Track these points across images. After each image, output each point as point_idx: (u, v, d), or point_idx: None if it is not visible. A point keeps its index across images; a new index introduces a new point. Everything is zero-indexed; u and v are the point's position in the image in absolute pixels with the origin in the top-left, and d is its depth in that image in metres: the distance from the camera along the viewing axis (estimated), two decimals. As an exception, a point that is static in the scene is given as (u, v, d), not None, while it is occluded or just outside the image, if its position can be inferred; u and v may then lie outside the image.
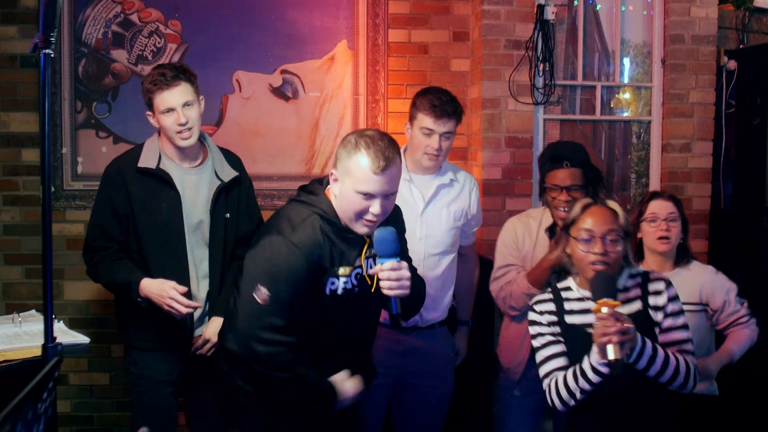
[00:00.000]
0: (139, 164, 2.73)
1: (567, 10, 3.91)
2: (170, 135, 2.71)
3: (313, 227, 2.12)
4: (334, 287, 2.15)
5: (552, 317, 2.31)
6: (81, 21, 3.78)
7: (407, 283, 2.11)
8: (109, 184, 2.76)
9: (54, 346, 1.81)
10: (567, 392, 2.19)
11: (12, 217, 3.80)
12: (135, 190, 2.72)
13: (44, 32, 1.76)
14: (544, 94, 3.81)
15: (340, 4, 3.91)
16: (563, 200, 2.79)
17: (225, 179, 2.81)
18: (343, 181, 2.09)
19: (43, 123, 1.85)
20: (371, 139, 2.06)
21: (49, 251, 1.81)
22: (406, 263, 2.14)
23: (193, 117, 2.69)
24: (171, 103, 2.66)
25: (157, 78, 2.67)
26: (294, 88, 3.91)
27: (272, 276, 2.08)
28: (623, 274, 2.30)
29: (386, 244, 2.10)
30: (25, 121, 3.78)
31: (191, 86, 2.72)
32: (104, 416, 3.88)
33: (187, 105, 2.69)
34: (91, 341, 2.34)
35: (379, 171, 2.03)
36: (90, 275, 2.86)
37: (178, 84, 2.67)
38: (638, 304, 2.26)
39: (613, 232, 2.22)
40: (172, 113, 2.67)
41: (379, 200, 2.06)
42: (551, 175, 2.85)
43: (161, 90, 2.66)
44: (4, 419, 1.22)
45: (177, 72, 2.70)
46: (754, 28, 4.10)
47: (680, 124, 3.89)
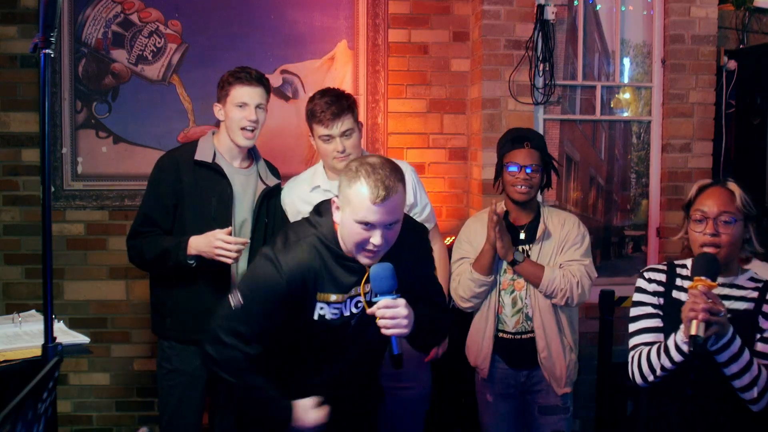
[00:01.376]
0: (196, 156, 2.80)
1: (567, 10, 3.91)
2: (233, 129, 2.79)
3: (308, 250, 2.08)
4: (322, 312, 2.11)
5: (659, 287, 2.28)
6: (81, 21, 3.78)
7: (404, 321, 2.00)
8: (162, 173, 2.83)
9: (54, 346, 1.82)
10: (648, 366, 2.17)
11: (12, 217, 3.80)
12: (188, 181, 2.78)
13: (44, 32, 1.76)
14: (544, 94, 3.81)
15: (340, 4, 3.91)
16: (522, 178, 2.88)
17: (270, 184, 2.91)
18: (344, 209, 2.04)
19: (43, 123, 1.85)
20: (372, 167, 1.99)
21: (49, 251, 1.81)
22: (403, 301, 2.02)
23: (261, 119, 2.82)
24: (248, 99, 2.77)
25: (242, 74, 2.79)
26: (294, 88, 3.91)
27: (249, 287, 2.10)
28: (745, 274, 2.23)
29: (381, 280, 2.01)
30: (25, 121, 3.78)
31: (267, 95, 2.85)
32: (104, 416, 3.88)
33: (260, 107, 2.80)
34: (91, 341, 2.34)
35: (378, 201, 1.96)
36: (132, 257, 2.86)
37: (259, 86, 2.80)
38: (750, 304, 2.18)
39: (727, 214, 2.17)
40: (244, 108, 2.77)
41: (380, 231, 1.99)
42: (511, 154, 2.92)
43: (243, 84, 2.77)
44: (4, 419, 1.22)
45: (260, 77, 2.83)
46: (754, 28, 4.10)
47: (680, 124, 3.89)
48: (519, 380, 2.99)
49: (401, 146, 3.94)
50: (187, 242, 2.69)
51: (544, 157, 2.95)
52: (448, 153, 3.99)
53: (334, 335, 2.16)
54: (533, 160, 2.89)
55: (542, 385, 2.97)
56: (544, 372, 2.94)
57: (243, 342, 2.08)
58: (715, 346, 2.07)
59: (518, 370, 2.98)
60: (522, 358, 2.96)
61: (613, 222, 4.04)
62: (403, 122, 3.96)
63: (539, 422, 3.00)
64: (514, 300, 2.94)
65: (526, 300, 2.93)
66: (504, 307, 2.95)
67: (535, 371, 2.97)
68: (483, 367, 2.99)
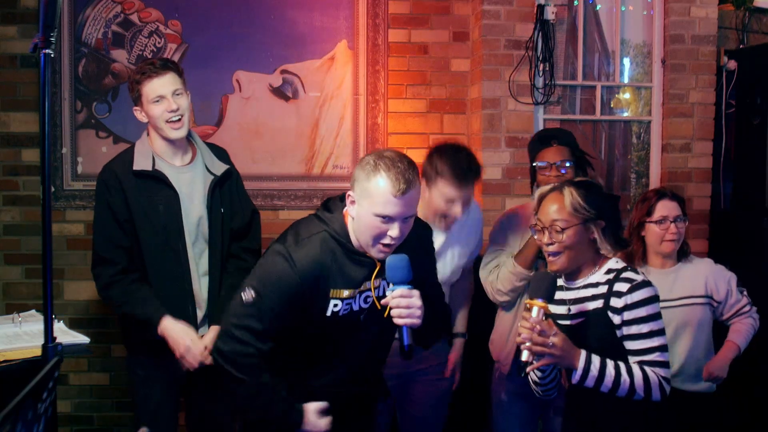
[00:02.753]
0: (134, 167, 2.70)
1: (567, 10, 3.91)
2: (160, 125, 2.67)
3: (319, 246, 2.09)
4: (336, 309, 2.12)
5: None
6: (81, 21, 3.78)
7: (418, 312, 2.03)
8: (106, 190, 2.73)
9: (54, 346, 1.81)
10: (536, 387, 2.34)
11: (12, 217, 3.80)
12: (132, 194, 2.69)
13: (44, 32, 1.76)
14: (544, 94, 3.81)
15: (340, 4, 3.91)
16: (554, 176, 2.84)
17: (217, 173, 2.80)
18: (361, 203, 2.04)
19: (43, 123, 1.85)
20: (391, 160, 2.01)
21: (49, 251, 1.81)
22: (417, 292, 2.04)
23: (183, 105, 2.68)
24: (161, 91, 2.64)
25: (146, 67, 2.67)
26: (294, 88, 3.91)
27: (262, 282, 2.09)
28: (603, 267, 2.24)
29: (397, 270, 2.03)
30: (25, 121, 3.78)
31: (179, 77, 2.70)
32: (104, 416, 3.88)
33: (177, 93, 2.66)
34: (91, 341, 2.34)
35: (399, 194, 1.97)
36: (102, 296, 2.81)
37: (167, 73, 2.66)
38: (599, 302, 2.19)
39: (559, 222, 2.18)
40: (162, 101, 2.65)
41: (398, 223, 2.01)
42: (541, 154, 2.91)
43: (150, 78, 2.64)
44: (4, 419, 1.22)
45: (165, 62, 2.70)
46: (754, 28, 4.10)
47: (680, 124, 3.89)
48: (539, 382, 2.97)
49: (401, 146, 3.93)
50: (158, 323, 2.64)
51: (575, 153, 2.91)
52: (448, 153, 3.99)
53: (345, 331, 2.16)
54: (563, 156, 2.86)
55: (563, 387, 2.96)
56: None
57: (256, 338, 2.07)
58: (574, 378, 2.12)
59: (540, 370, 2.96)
60: None
61: (613, 222, 4.04)
62: (403, 122, 3.96)
63: (555, 422, 2.98)
64: None
65: None
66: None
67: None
68: (506, 363, 2.96)
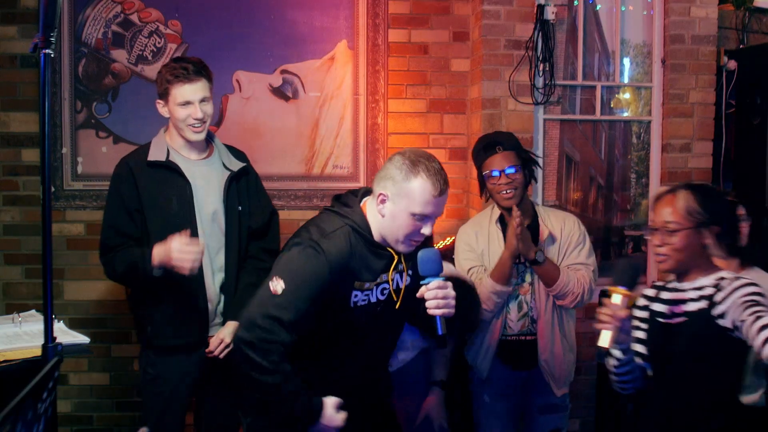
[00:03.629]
0: (149, 158, 2.76)
1: (567, 10, 3.91)
2: (181, 127, 2.74)
3: (345, 238, 2.13)
4: (356, 300, 2.16)
5: (646, 302, 2.34)
6: (81, 21, 3.78)
7: (453, 302, 2.10)
8: (118, 181, 2.77)
9: (54, 346, 1.81)
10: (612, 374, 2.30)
11: (12, 217, 3.80)
12: (144, 184, 2.73)
13: (44, 32, 1.76)
14: (544, 94, 3.81)
15: (340, 4, 3.91)
16: (504, 184, 2.85)
17: (233, 169, 2.84)
18: (397, 202, 2.09)
19: (43, 123, 1.85)
20: (428, 160, 2.12)
21: (49, 251, 1.81)
22: (450, 283, 2.12)
23: (208, 113, 2.75)
24: (190, 97, 2.70)
25: (180, 71, 2.70)
26: (294, 88, 3.91)
27: (292, 273, 2.10)
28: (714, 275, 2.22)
29: (431, 263, 2.10)
30: (25, 121, 3.78)
31: (209, 84, 2.77)
32: (104, 416, 3.88)
33: (204, 101, 2.73)
34: (91, 341, 2.34)
35: (439, 194, 2.08)
36: (108, 274, 2.83)
37: (199, 80, 2.72)
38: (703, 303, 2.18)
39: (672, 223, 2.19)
40: (188, 106, 2.71)
41: (431, 223, 2.11)
42: (487, 162, 2.89)
43: (182, 83, 2.69)
44: (4, 419, 1.22)
45: (199, 68, 2.74)
46: (754, 28, 4.09)
47: (680, 124, 3.89)
48: (518, 381, 2.99)
49: (401, 146, 3.93)
50: (151, 253, 2.62)
51: (521, 155, 2.92)
52: (448, 153, 3.99)
53: (363, 323, 2.19)
54: (510, 162, 2.86)
55: (541, 385, 2.97)
56: (544, 373, 2.94)
57: (283, 328, 2.07)
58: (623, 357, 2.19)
59: (518, 371, 2.98)
60: (522, 360, 2.96)
61: (613, 222, 4.04)
62: (403, 122, 3.96)
63: (539, 421, 3.00)
64: (520, 304, 2.94)
65: (531, 303, 2.92)
66: (509, 313, 2.94)
67: (534, 371, 2.96)
68: (483, 368, 2.98)
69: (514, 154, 2.88)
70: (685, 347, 2.16)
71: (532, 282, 2.93)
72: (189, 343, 2.77)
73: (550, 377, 2.93)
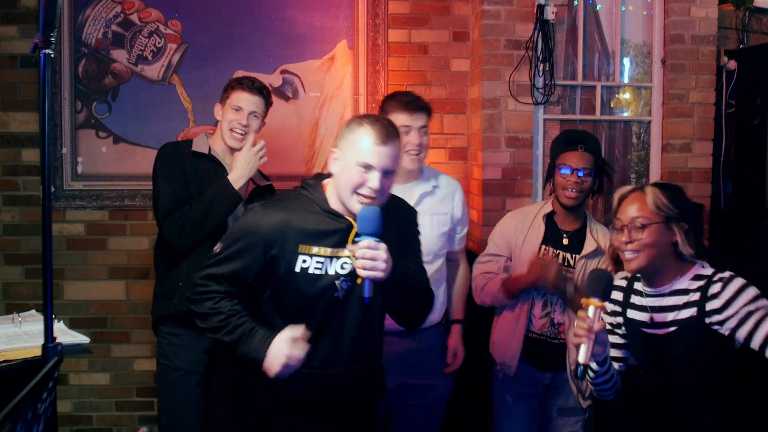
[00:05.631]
0: (193, 148, 2.93)
1: (567, 10, 3.91)
2: (224, 129, 2.91)
3: (292, 202, 2.21)
4: (305, 265, 2.14)
5: (616, 307, 2.29)
6: (81, 21, 3.79)
7: (383, 265, 2.02)
8: (167, 158, 2.91)
9: (54, 346, 1.82)
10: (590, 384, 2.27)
11: (12, 217, 3.80)
12: (189, 170, 2.88)
13: (44, 32, 1.76)
14: (544, 94, 3.81)
15: (340, 4, 3.91)
16: (573, 181, 2.84)
17: (260, 183, 3.02)
18: (344, 155, 2.14)
19: (43, 123, 1.85)
20: (375, 117, 2.19)
21: (49, 251, 1.82)
22: (385, 246, 2.05)
23: (253, 126, 2.93)
24: (243, 104, 2.89)
25: (246, 80, 2.94)
26: (294, 88, 3.91)
27: (230, 232, 2.26)
28: (687, 273, 2.18)
29: (367, 221, 2.05)
30: (25, 121, 3.78)
31: (265, 105, 2.97)
32: (104, 416, 3.88)
33: (254, 114, 2.92)
34: (91, 341, 2.34)
35: (381, 143, 2.10)
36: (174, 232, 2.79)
37: (259, 95, 2.93)
38: (693, 310, 2.13)
39: (640, 219, 2.14)
40: (238, 112, 2.89)
41: (378, 174, 2.10)
42: (564, 156, 2.88)
43: (243, 90, 2.90)
44: (4, 419, 1.22)
45: (262, 87, 2.95)
46: (754, 28, 4.10)
47: (680, 124, 3.89)
48: (543, 381, 2.97)
49: (401, 146, 3.94)
50: (225, 181, 2.81)
51: (598, 162, 2.89)
52: (448, 153, 3.99)
53: (323, 297, 2.15)
54: (586, 164, 2.83)
55: (564, 388, 2.96)
56: (572, 384, 2.94)
57: (214, 281, 2.17)
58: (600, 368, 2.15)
59: (543, 372, 2.96)
60: (547, 360, 2.93)
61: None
62: (403, 122, 3.95)
63: (556, 423, 2.98)
64: (545, 303, 2.92)
65: (555, 306, 2.91)
66: (534, 307, 2.92)
67: (559, 374, 2.95)
68: (510, 365, 2.95)
69: (592, 158, 2.86)
70: (678, 356, 2.12)
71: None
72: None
73: (577, 388, 2.94)
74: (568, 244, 2.92)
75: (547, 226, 2.94)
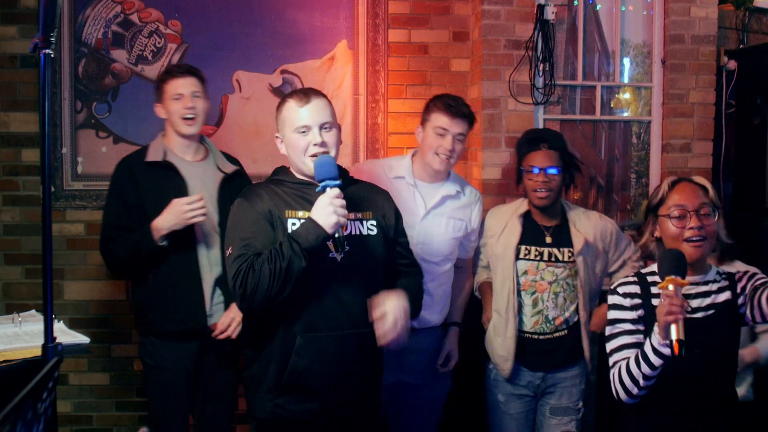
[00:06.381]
0: (146, 158, 2.93)
1: (567, 10, 3.91)
2: (175, 121, 2.92)
3: (265, 187, 2.39)
4: (295, 228, 2.27)
5: (636, 300, 2.25)
6: (81, 21, 3.78)
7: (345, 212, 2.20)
8: (118, 179, 2.96)
9: (54, 346, 1.82)
10: (630, 379, 2.11)
11: (12, 217, 3.80)
12: (144, 182, 2.90)
13: (44, 32, 1.76)
14: (544, 94, 3.81)
15: (340, 4, 3.91)
16: (541, 181, 2.85)
17: (227, 171, 3.00)
18: (284, 132, 2.38)
19: (43, 123, 1.85)
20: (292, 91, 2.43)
21: (49, 251, 1.82)
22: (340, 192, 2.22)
23: (199, 106, 2.93)
24: (181, 90, 2.90)
25: (172, 68, 3.01)
26: (294, 88, 3.91)
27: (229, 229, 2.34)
28: (712, 270, 2.24)
29: (326, 166, 2.25)
30: (25, 121, 3.78)
31: (201, 83, 2.97)
32: (104, 416, 3.88)
33: (195, 95, 2.93)
34: (91, 341, 2.34)
35: (303, 103, 2.33)
36: (111, 264, 2.99)
37: (189, 76, 2.94)
38: (727, 294, 2.20)
39: (706, 206, 2.17)
40: (180, 99, 2.90)
41: (317, 130, 2.31)
42: (529, 157, 2.90)
43: (174, 78, 2.92)
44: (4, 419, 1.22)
45: (189, 67, 2.99)
46: (754, 28, 4.09)
47: (680, 124, 3.89)
48: (534, 381, 2.98)
49: (401, 146, 3.94)
50: (150, 227, 2.79)
51: (564, 157, 2.91)
52: (448, 153, 3.99)
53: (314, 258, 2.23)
54: (552, 161, 2.85)
55: (557, 387, 2.96)
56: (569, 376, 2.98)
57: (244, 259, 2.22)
58: None
59: (534, 372, 2.97)
60: (539, 360, 2.95)
61: (613, 222, 4.04)
62: (403, 122, 3.96)
63: (549, 423, 2.99)
64: (535, 301, 2.93)
65: (547, 302, 2.92)
66: (524, 307, 2.93)
67: (551, 374, 2.96)
68: (504, 368, 2.97)
69: (557, 155, 2.88)
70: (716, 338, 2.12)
71: (552, 282, 2.92)
72: (185, 330, 2.90)
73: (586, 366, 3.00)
74: (551, 241, 2.93)
75: (525, 225, 2.95)
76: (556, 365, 2.95)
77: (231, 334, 2.89)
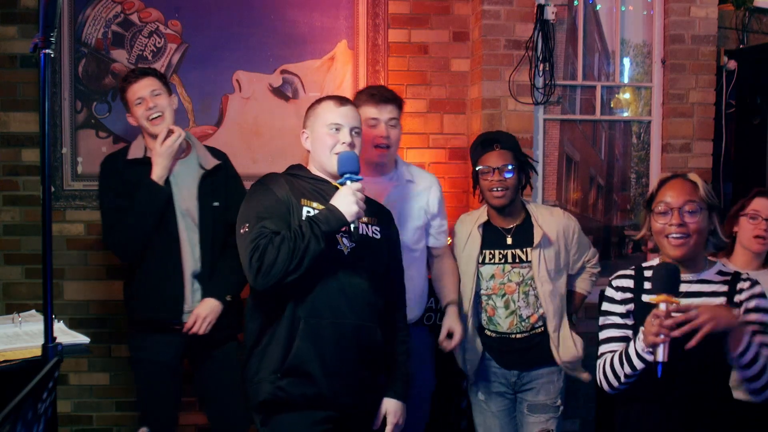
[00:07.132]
0: (128, 156, 3.00)
1: (567, 10, 3.91)
2: (144, 124, 2.95)
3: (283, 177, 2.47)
4: (310, 214, 2.34)
5: (627, 294, 2.26)
6: (81, 21, 3.78)
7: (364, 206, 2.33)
8: (105, 174, 3.03)
9: (54, 346, 1.81)
10: (612, 373, 2.19)
11: (12, 217, 3.80)
12: (128, 179, 2.94)
13: (44, 32, 1.76)
14: (544, 94, 3.81)
15: (340, 4, 3.91)
16: (496, 180, 2.86)
17: (207, 167, 3.02)
18: (314, 128, 2.46)
19: (43, 123, 1.85)
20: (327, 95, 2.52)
21: (49, 251, 1.81)
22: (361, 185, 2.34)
23: (161, 103, 2.94)
24: (140, 93, 2.92)
25: (127, 74, 3.01)
26: (294, 88, 3.91)
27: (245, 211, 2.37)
28: (713, 268, 2.23)
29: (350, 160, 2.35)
30: (25, 121, 3.77)
31: (159, 81, 2.98)
32: (104, 416, 3.88)
33: (155, 93, 2.94)
34: (91, 341, 2.33)
35: (340, 105, 2.45)
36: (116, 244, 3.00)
37: (144, 78, 2.95)
38: (722, 299, 2.17)
39: (691, 203, 2.15)
40: (142, 102, 2.93)
41: (347, 130, 2.42)
42: (483, 158, 2.91)
43: (131, 84, 2.94)
44: (4, 419, 1.22)
45: (144, 69, 3.03)
46: (754, 28, 4.10)
47: (680, 124, 3.89)
48: (510, 379, 2.99)
49: (401, 146, 3.92)
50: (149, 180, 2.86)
51: (518, 157, 2.92)
52: (448, 153, 3.99)
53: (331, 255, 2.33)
54: (506, 161, 2.87)
55: (533, 384, 2.97)
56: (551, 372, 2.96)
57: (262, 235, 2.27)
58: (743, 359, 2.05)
59: (509, 370, 2.98)
60: (512, 358, 2.96)
61: (613, 222, 4.04)
62: (403, 122, 3.93)
63: (527, 420, 2.99)
64: (507, 303, 2.94)
65: (519, 303, 2.92)
66: (496, 310, 2.94)
67: (527, 372, 2.96)
68: (470, 367, 2.99)
69: (511, 155, 2.89)
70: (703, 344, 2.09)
71: (520, 282, 2.93)
72: (164, 320, 2.96)
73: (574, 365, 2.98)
74: (512, 242, 2.93)
75: (486, 233, 2.96)
76: (531, 363, 2.95)
77: (198, 330, 2.91)
